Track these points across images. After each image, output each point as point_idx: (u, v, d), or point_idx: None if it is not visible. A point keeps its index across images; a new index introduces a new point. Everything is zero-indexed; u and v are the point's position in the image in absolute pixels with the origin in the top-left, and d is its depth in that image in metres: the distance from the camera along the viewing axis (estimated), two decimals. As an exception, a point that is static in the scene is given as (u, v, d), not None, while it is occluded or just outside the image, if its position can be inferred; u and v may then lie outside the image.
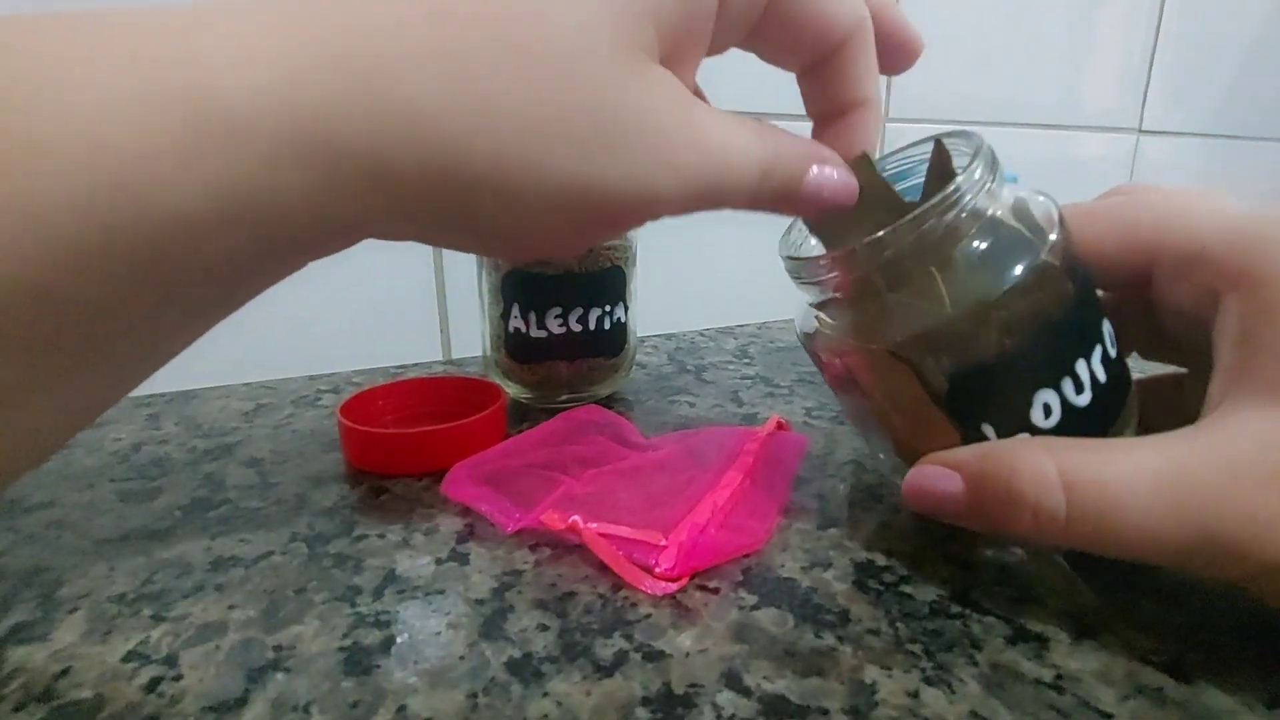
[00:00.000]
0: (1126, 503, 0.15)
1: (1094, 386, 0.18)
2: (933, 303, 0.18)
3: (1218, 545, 0.15)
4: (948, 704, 0.15)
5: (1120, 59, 0.63)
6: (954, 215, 0.17)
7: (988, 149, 0.18)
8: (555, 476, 0.24)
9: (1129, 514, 0.15)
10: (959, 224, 0.18)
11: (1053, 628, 0.17)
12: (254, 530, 0.22)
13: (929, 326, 0.18)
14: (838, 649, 0.16)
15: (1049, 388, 0.18)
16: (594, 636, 0.17)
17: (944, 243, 0.18)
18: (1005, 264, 0.18)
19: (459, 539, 0.21)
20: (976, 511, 0.17)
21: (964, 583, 0.19)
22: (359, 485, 0.25)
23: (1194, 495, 0.15)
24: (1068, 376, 0.18)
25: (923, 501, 0.18)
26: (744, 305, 0.51)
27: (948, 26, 0.54)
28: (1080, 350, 0.18)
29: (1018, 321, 0.17)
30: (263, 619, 0.17)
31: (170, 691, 0.15)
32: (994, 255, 0.18)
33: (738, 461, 0.25)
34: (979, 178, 0.18)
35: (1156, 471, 0.15)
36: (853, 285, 0.19)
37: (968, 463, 0.17)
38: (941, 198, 0.17)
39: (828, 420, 0.31)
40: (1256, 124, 0.73)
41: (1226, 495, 0.15)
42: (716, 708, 0.15)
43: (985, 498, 0.17)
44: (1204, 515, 0.15)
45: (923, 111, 0.54)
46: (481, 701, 0.15)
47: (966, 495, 0.17)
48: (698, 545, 0.20)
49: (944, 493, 0.18)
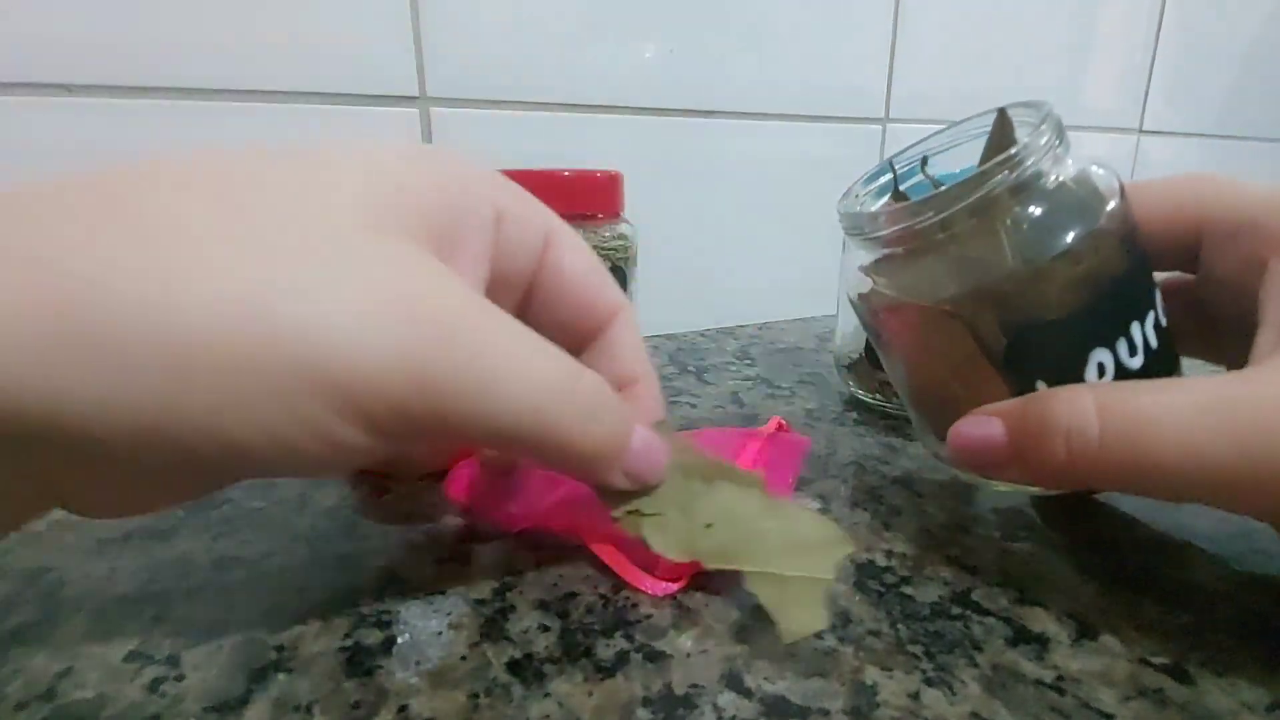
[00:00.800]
0: (1166, 423, 0.15)
1: (1146, 351, 0.19)
2: (994, 258, 0.18)
3: (1268, 472, 0.14)
4: (948, 705, 0.15)
5: (1120, 59, 0.63)
6: (1019, 174, 0.18)
7: (1055, 116, 0.19)
8: (557, 478, 0.24)
9: (1168, 432, 0.15)
10: (1024, 182, 0.18)
11: (1053, 628, 0.17)
12: (256, 530, 0.22)
13: (990, 281, 0.18)
14: (838, 650, 0.16)
15: (1104, 347, 0.18)
16: (595, 637, 0.17)
17: (1008, 200, 0.18)
18: (1067, 225, 0.18)
19: (460, 539, 0.21)
20: (1016, 453, 0.17)
21: (965, 584, 0.19)
22: (360, 485, 0.25)
23: (1243, 422, 0.15)
24: (1122, 338, 0.18)
25: (966, 452, 0.18)
26: (745, 306, 0.51)
27: (948, 26, 0.54)
28: (1135, 313, 0.19)
29: (1078, 280, 0.18)
30: (264, 619, 0.17)
31: (172, 691, 0.15)
32: (1056, 216, 0.18)
33: (739, 463, 0.25)
34: (1045, 142, 0.18)
35: (1200, 402, 0.15)
36: (914, 238, 0.19)
37: (1010, 408, 0.18)
38: (1007, 155, 0.18)
39: (829, 422, 0.31)
40: (1256, 124, 0.73)
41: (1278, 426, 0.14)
42: (717, 708, 0.15)
43: (1024, 435, 0.17)
44: (1252, 441, 0.14)
45: (923, 111, 0.54)
46: (483, 702, 0.15)
47: (1007, 438, 0.17)
48: None
49: (986, 438, 0.17)
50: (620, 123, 0.44)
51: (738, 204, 0.49)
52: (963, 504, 0.24)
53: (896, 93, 0.53)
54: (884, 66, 0.52)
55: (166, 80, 0.33)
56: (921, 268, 0.20)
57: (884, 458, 0.27)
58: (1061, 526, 0.22)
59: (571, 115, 0.43)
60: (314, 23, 0.36)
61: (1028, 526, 0.22)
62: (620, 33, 0.43)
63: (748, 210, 0.50)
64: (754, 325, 0.50)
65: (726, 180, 0.48)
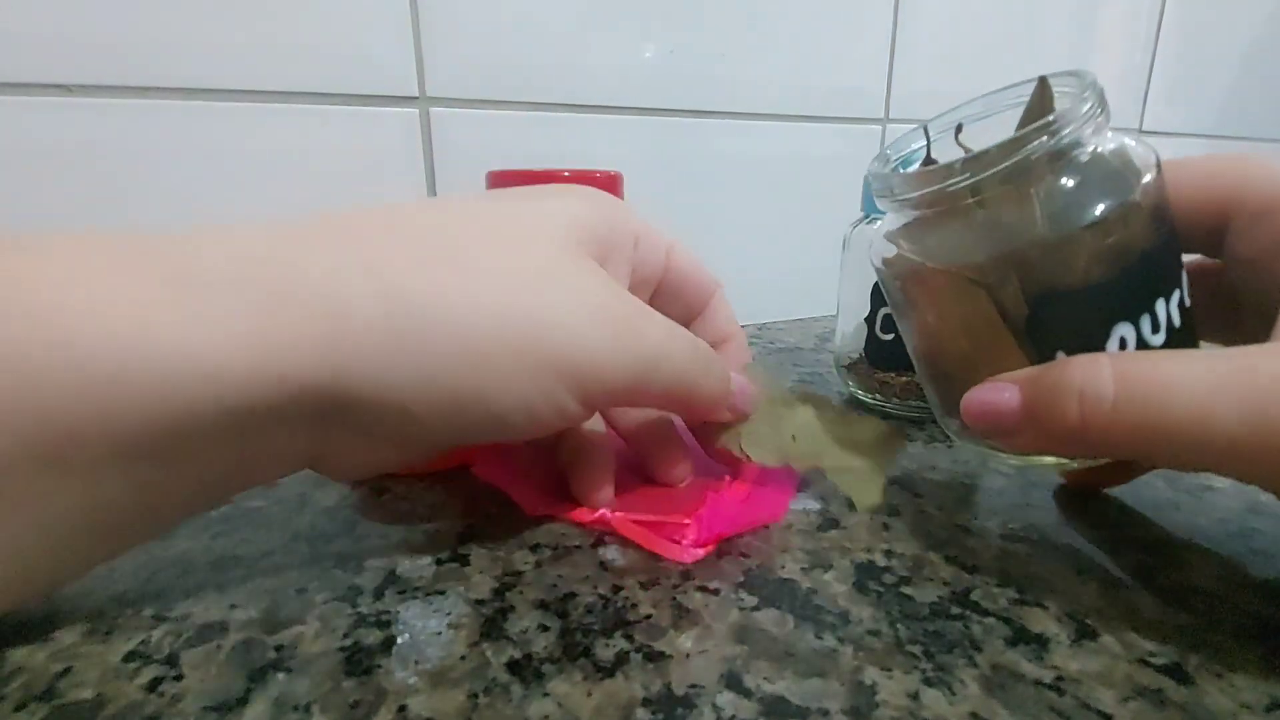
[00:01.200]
0: (1181, 389, 0.15)
1: (1169, 329, 0.19)
2: (1024, 225, 0.18)
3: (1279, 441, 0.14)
4: (948, 705, 0.15)
5: (1120, 59, 0.63)
6: (1056, 140, 0.18)
7: (1098, 85, 0.19)
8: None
9: (1182, 398, 0.15)
10: (1061, 149, 0.18)
11: (1053, 629, 0.17)
12: (255, 530, 0.22)
13: (1017, 247, 0.18)
14: (838, 650, 0.16)
15: (1127, 321, 0.18)
16: (595, 637, 0.17)
17: (1042, 166, 0.18)
18: (1100, 196, 0.18)
19: (460, 539, 0.21)
20: (1028, 417, 0.17)
21: (964, 584, 0.19)
22: (360, 485, 0.25)
23: (1258, 391, 0.15)
24: (1146, 314, 0.18)
25: (979, 417, 0.18)
26: (744, 306, 0.50)
27: (948, 26, 0.54)
28: (1161, 290, 0.18)
29: (1107, 251, 0.18)
30: (264, 619, 0.17)
31: (171, 691, 0.15)
32: (1090, 186, 0.18)
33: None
34: (1086, 110, 0.18)
35: (1217, 369, 0.15)
36: (944, 201, 0.19)
37: (1025, 374, 0.18)
38: (1046, 121, 0.17)
39: (828, 421, 0.31)
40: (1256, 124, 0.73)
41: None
42: (717, 708, 0.15)
43: (1037, 398, 0.17)
44: (1267, 410, 0.14)
45: (923, 111, 0.54)
46: (482, 702, 0.15)
47: (1021, 403, 0.17)
48: (720, 515, 0.22)
49: (1000, 403, 0.18)
50: (620, 123, 0.44)
51: (737, 204, 0.49)
52: (962, 504, 0.24)
53: (896, 93, 0.53)
54: (884, 67, 0.52)
55: (166, 80, 0.33)
56: (949, 232, 0.20)
57: (884, 458, 0.27)
58: (1064, 521, 0.22)
59: (571, 115, 0.43)
60: (314, 23, 0.36)
61: (1027, 527, 0.22)
62: (620, 33, 0.43)
63: (747, 210, 0.50)
64: (754, 325, 0.50)
65: (726, 180, 0.48)
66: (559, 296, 0.18)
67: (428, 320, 0.16)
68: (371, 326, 0.16)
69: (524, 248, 0.18)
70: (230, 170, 0.35)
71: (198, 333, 0.14)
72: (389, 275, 0.16)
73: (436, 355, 0.16)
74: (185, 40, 0.33)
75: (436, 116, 0.39)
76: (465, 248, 0.18)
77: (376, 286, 0.16)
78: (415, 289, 0.16)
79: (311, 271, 0.16)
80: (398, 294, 0.16)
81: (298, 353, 0.15)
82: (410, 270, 0.16)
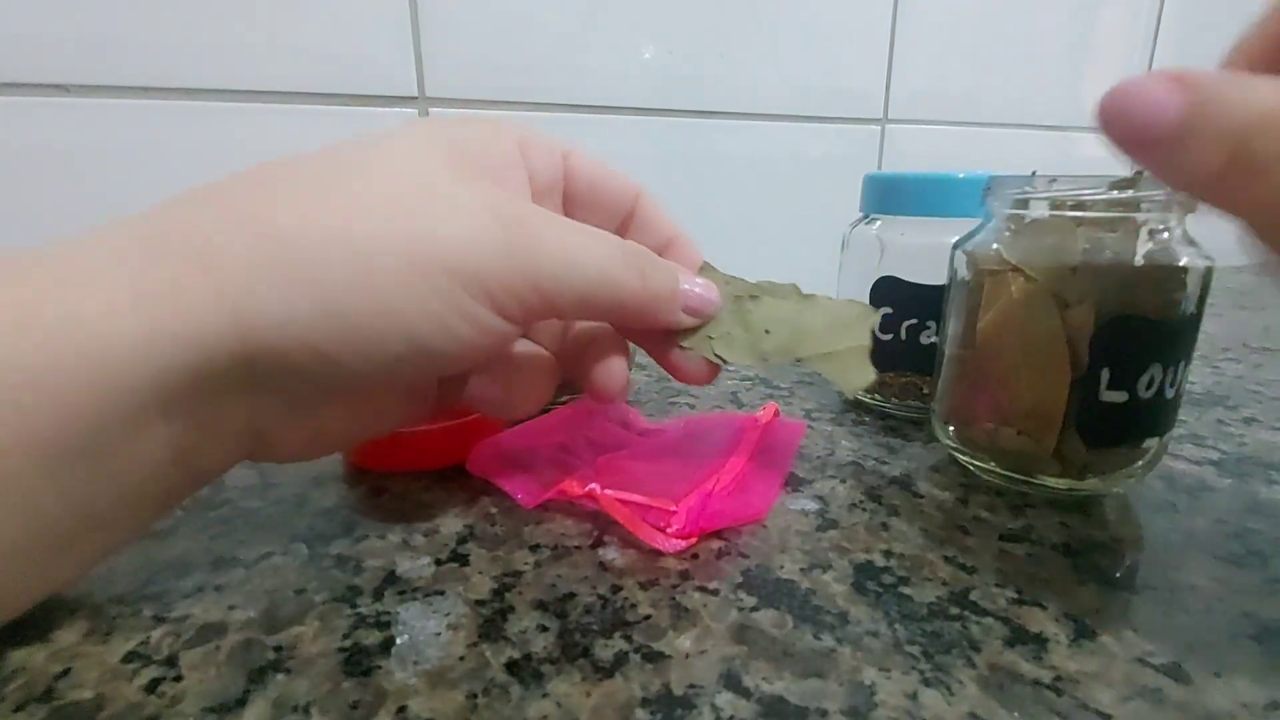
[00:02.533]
0: None
1: (1174, 390, 0.22)
2: (1124, 252, 0.21)
3: None
4: (946, 705, 0.15)
5: (1120, 59, 0.63)
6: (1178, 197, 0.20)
7: None
8: (571, 460, 0.25)
9: None
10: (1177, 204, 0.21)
11: (1052, 629, 0.17)
12: (254, 530, 0.22)
13: (1113, 270, 0.21)
14: (837, 650, 0.16)
15: (1160, 364, 0.21)
16: (594, 637, 0.17)
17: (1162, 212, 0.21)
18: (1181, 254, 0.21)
19: (459, 539, 0.21)
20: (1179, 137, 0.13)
21: (963, 584, 0.19)
22: (359, 485, 0.25)
23: None
24: (1173, 365, 0.22)
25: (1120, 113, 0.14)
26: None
27: (948, 27, 0.54)
28: (1183, 355, 0.22)
29: (1174, 301, 0.21)
30: (263, 619, 0.17)
31: (170, 692, 0.15)
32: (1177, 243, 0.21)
33: (741, 445, 0.26)
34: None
35: None
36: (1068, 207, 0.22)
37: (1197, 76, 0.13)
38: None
39: (827, 421, 0.31)
40: (1256, 124, 0.73)
41: None
42: (716, 709, 0.15)
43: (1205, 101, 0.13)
44: None
45: (921, 112, 0.54)
46: (481, 702, 0.15)
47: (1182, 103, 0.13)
48: (706, 509, 0.22)
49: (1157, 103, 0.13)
50: (620, 123, 0.44)
51: (737, 204, 0.49)
52: (961, 504, 0.24)
53: (895, 93, 0.53)
54: (883, 67, 0.52)
55: (166, 80, 0.33)
56: (1049, 242, 0.22)
57: (882, 458, 0.27)
58: (1063, 521, 0.22)
59: (571, 115, 0.43)
60: (314, 23, 0.36)
61: (1027, 527, 0.22)
62: (620, 33, 0.43)
63: (747, 210, 0.50)
64: (753, 325, 0.50)
65: (725, 180, 0.48)
66: (441, 208, 0.17)
67: (312, 252, 0.16)
68: (256, 271, 0.15)
69: (399, 173, 0.18)
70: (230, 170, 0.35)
71: (82, 300, 0.14)
72: (264, 218, 0.16)
73: (329, 284, 0.16)
74: (185, 40, 0.33)
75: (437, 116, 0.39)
76: (337, 182, 0.17)
77: (253, 230, 0.16)
78: (291, 225, 0.16)
79: (182, 229, 0.16)
80: (275, 234, 0.16)
81: (187, 308, 0.15)
82: (285, 210, 0.16)
